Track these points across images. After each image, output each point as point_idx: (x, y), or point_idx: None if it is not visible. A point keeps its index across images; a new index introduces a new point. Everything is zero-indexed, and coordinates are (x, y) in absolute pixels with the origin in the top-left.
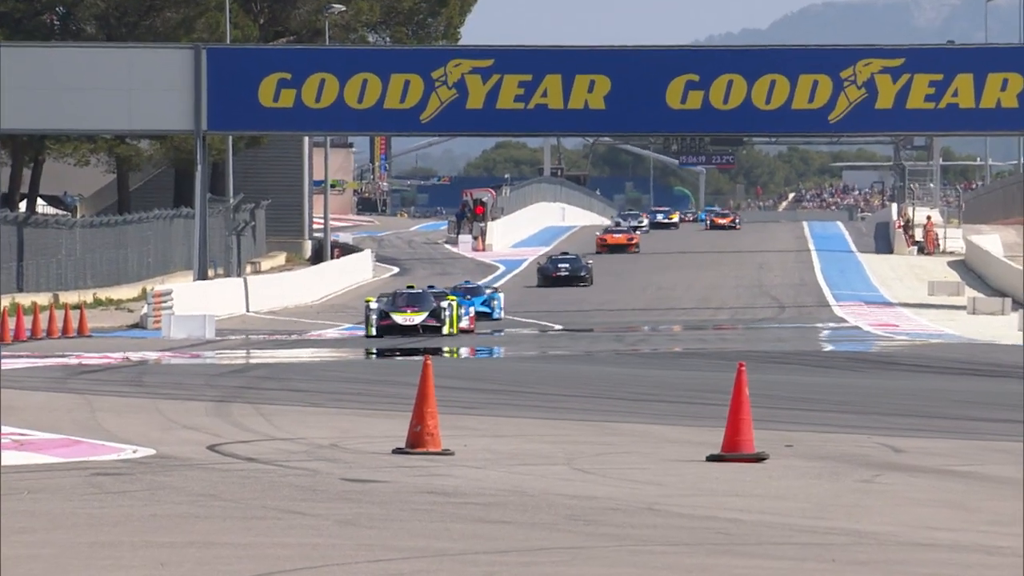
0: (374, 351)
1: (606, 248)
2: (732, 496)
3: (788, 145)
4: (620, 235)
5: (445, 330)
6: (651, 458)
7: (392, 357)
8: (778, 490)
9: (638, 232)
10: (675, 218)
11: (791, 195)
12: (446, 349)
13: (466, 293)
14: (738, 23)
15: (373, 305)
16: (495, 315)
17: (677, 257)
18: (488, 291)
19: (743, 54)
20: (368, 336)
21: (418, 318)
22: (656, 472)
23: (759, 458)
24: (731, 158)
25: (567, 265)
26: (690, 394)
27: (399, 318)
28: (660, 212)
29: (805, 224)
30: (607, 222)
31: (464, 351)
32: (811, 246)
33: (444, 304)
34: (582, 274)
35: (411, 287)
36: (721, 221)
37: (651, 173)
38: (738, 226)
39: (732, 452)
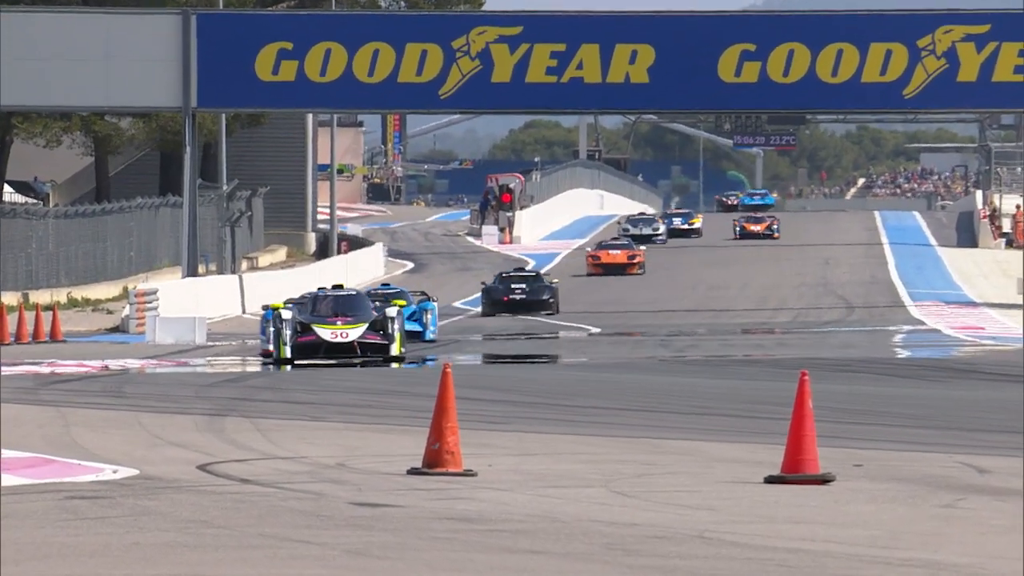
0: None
1: (600, 269)
2: (793, 523)
3: (857, 124)
4: (618, 252)
5: (394, 349)
6: (701, 479)
7: (392, 362)
8: (846, 516)
9: (643, 248)
10: (697, 222)
11: (860, 181)
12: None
13: (384, 301)
14: None
15: (285, 315)
16: (427, 335)
17: (733, 251)
18: (418, 298)
19: (806, 20)
20: (276, 361)
21: (354, 332)
22: (707, 495)
23: (824, 479)
24: (792, 139)
25: (523, 286)
26: (745, 407)
27: (325, 332)
28: (678, 216)
29: (877, 214)
30: (651, 210)
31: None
32: (884, 239)
33: (390, 312)
34: (543, 298)
35: (339, 286)
36: (754, 228)
37: (701, 156)
38: (776, 234)
39: (793, 473)
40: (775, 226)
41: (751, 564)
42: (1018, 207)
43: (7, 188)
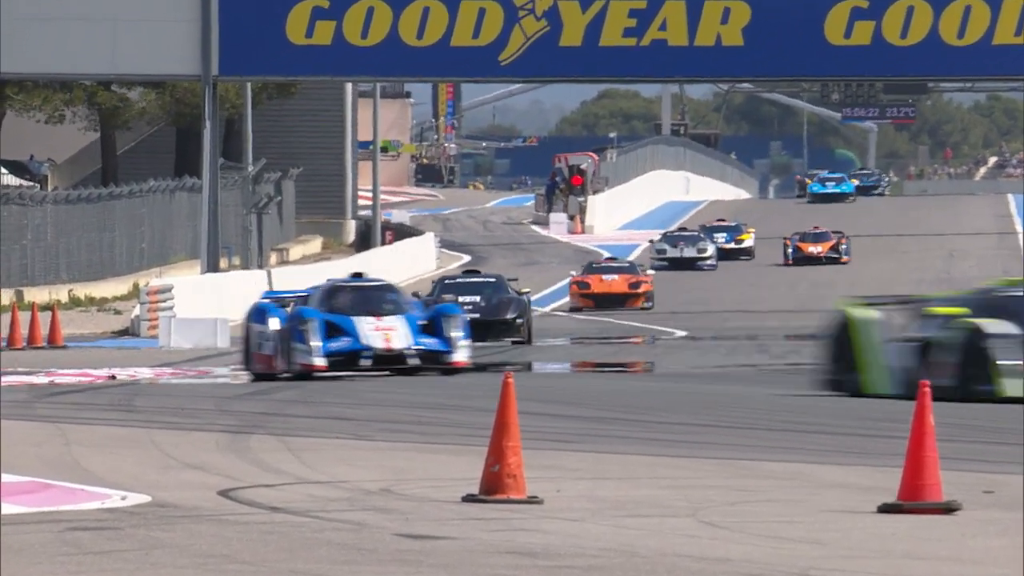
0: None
1: (589, 301)
2: (913, 559)
3: (987, 93)
4: (614, 277)
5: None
6: (804, 508)
7: (454, 374)
8: (973, 551)
9: (652, 272)
10: (748, 239)
11: (992, 160)
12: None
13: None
14: None
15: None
16: (450, 351)
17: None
18: (430, 302)
19: None
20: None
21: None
22: (811, 527)
23: (949, 508)
24: (911, 111)
25: (477, 300)
26: (856, 423)
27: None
28: (721, 230)
29: (1011, 198)
30: (745, 195)
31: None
32: (1019, 227)
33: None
34: (507, 317)
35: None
36: (813, 250)
37: (804, 131)
38: (846, 258)
39: (913, 500)
40: (843, 246)
41: None
42: None
43: None
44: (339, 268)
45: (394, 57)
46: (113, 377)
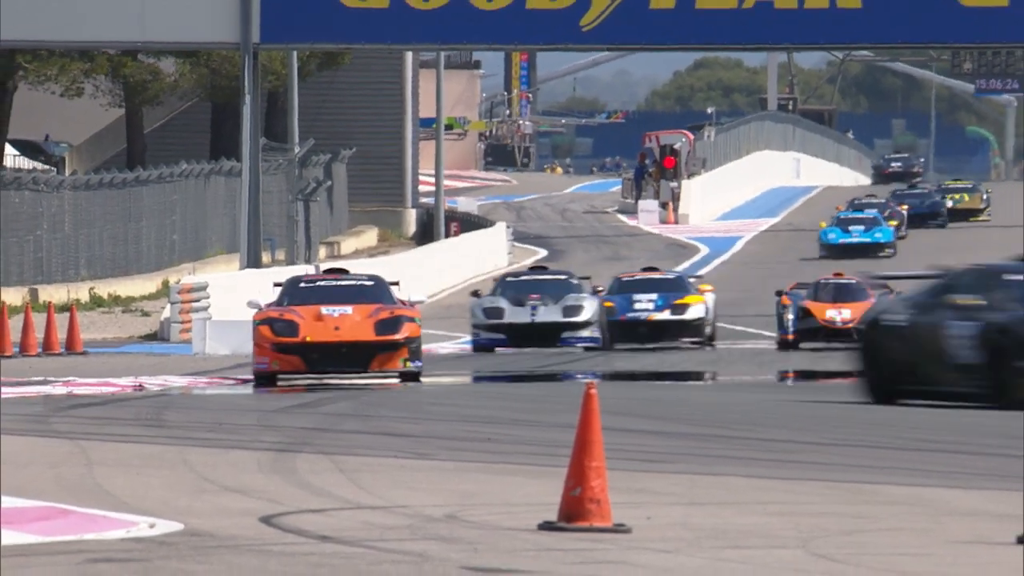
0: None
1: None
2: None
3: None
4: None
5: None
6: (930, 538)
7: (535, 382)
8: None
9: (706, 288)
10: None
11: None
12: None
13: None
14: None
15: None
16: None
17: (941, 235)
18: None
19: None
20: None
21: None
22: (939, 560)
23: None
24: None
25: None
26: (988, 441)
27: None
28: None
29: None
30: (864, 180)
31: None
32: None
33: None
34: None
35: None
36: (834, 317)
37: (932, 107)
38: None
39: None
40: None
41: None
42: None
43: (9, 150)
44: (398, 263)
45: (461, 21)
46: (140, 387)
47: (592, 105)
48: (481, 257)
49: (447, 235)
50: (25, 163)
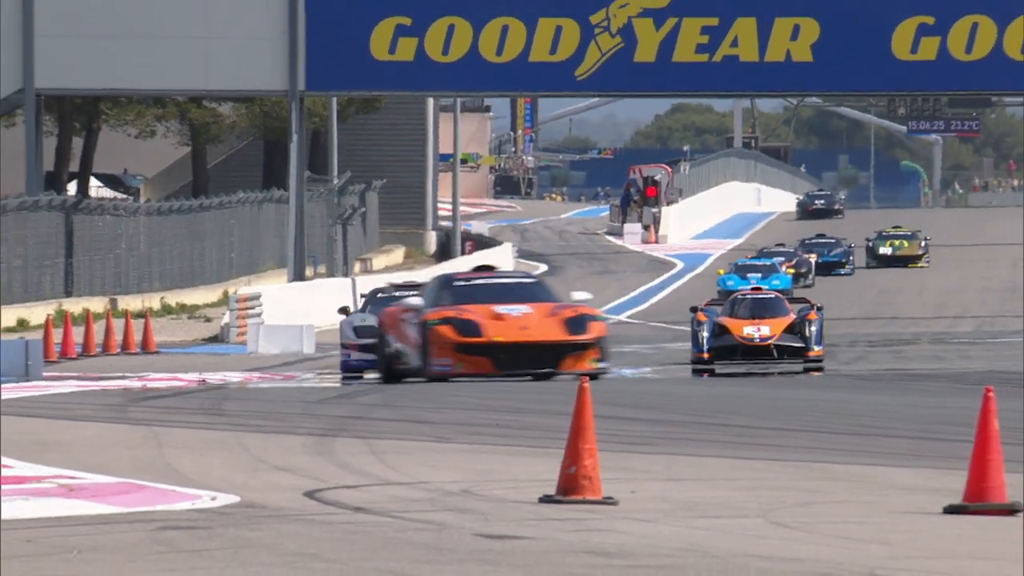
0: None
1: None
2: (978, 559)
3: None
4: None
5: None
6: (872, 509)
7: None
8: None
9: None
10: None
11: None
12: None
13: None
14: None
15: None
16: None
17: (894, 277)
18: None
19: None
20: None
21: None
22: (879, 527)
23: (1012, 510)
24: (975, 124)
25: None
26: (922, 427)
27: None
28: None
29: None
30: (840, 194)
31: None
32: None
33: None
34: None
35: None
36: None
37: (872, 144)
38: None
39: (977, 502)
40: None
41: None
42: None
43: (94, 182)
44: (422, 276)
45: (474, 72)
46: (203, 382)
47: (585, 143)
48: None
49: (463, 253)
50: (107, 193)
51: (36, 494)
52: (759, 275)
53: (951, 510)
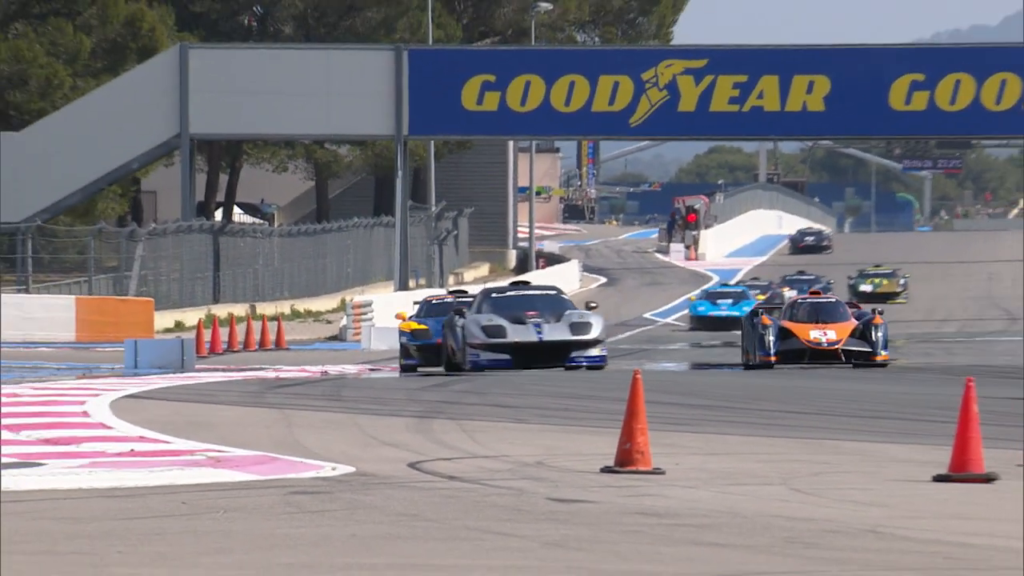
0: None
1: None
2: (960, 519)
3: (1020, 148)
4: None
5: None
6: (873, 478)
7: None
8: (1009, 512)
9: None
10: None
11: (1022, 202)
12: None
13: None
14: (966, 19)
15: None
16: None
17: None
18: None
19: (971, 52)
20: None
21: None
22: (879, 493)
23: (989, 478)
24: (958, 162)
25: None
26: (916, 411)
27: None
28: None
29: None
30: (827, 231)
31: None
32: None
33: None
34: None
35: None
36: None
37: (873, 178)
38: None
39: (960, 472)
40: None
41: (920, 558)
42: None
43: (237, 209)
44: None
45: (546, 120)
46: (325, 373)
47: (638, 178)
48: (561, 282)
49: (537, 267)
50: (247, 219)
51: (189, 464)
52: (730, 301)
53: (939, 479)
